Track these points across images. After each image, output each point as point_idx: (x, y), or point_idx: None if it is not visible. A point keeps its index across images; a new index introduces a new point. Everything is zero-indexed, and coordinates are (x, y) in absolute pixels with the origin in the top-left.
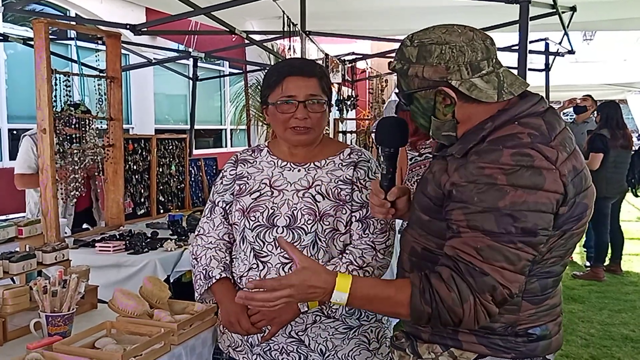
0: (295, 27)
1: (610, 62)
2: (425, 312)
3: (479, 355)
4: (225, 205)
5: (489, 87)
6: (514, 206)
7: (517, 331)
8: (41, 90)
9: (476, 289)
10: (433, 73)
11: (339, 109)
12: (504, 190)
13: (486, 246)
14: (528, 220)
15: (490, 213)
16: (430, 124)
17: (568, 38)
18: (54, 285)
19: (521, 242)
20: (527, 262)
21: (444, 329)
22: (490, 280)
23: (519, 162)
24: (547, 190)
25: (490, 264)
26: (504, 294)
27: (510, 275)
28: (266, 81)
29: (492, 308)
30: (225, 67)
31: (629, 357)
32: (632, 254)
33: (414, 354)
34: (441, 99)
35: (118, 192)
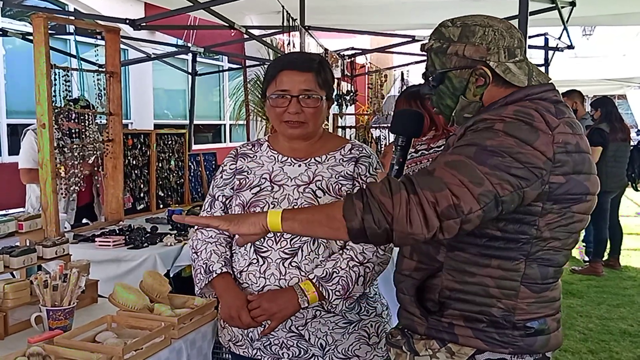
0: (295, 21)
1: (610, 57)
2: (357, 208)
3: (476, 350)
4: (225, 200)
5: (521, 73)
6: (498, 147)
7: (516, 322)
8: (40, 85)
9: (416, 183)
10: (474, 52)
11: (338, 104)
12: (497, 134)
13: (457, 160)
14: (505, 161)
15: (474, 146)
16: (455, 105)
17: (567, 33)
18: (54, 279)
19: (490, 170)
20: (489, 192)
21: (440, 321)
22: (438, 181)
23: (519, 117)
24: (536, 148)
25: (452, 173)
26: (449, 200)
27: (465, 192)
28: (265, 75)
29: (430, 212)
30: (224, 62)
31: (627, 351)
32: (631, 249)
33: (410, 351)
34: (475, 79)
35: (118, 187)
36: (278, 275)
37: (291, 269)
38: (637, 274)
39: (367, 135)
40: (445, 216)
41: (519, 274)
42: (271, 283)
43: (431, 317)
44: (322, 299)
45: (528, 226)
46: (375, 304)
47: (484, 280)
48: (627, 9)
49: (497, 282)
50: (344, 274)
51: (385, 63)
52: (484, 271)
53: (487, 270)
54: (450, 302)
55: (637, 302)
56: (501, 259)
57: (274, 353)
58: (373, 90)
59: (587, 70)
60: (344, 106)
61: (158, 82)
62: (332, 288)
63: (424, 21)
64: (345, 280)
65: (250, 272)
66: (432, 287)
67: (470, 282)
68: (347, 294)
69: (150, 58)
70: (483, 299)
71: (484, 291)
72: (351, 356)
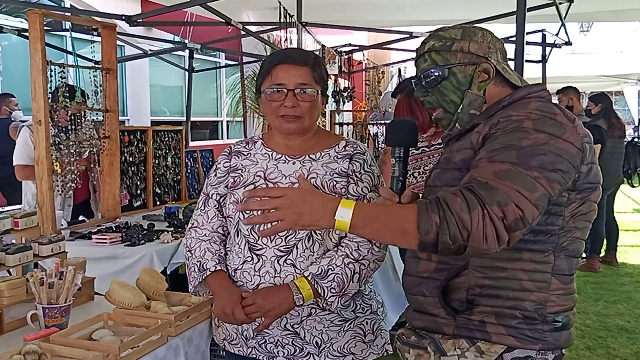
0: (292, 18)
1: (607, 53)
2: (433, 222)
3: (507, 348)
4: (219, 198)
5: (514, 74)
6: (535, 145)
7: (546, 316)
8: (36, 81)
9: (485, 200)
10: (478, 49)
11: (336, 101)
12: (529, 132)
13: (504, 170)
14: (548, 157)
15: (512, 149)
16: (461, 100)
17: (565, 29)
18: (50, 277)
19: (539, 173)
20: (542, 195)
21: (469, 320)
22: (502, 195)
23: (544, 112)
24: (567, 140)
25: (506, 185)
26: (516, 214)
27: (524, 200)
28: (260, 70)
29: (501, 227)
30: (221, 58)
31: (624, 347)
32: (628, 245)
33: (437, 351)
34: (479, 74)
35: (114, 184)
36: (273, 272)
37: (286, 267)
38: (634, 270)
39: (364, 132)
40: (513, 229)
41: (549, 265)
42: (266, 281)
43: (459, 316)
44: (317, 296)
45: (556, 217)
46: (371, 301)
47: (516, 274)
48: (624, 5)
49: (530, 275)
50: (339, 271)
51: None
52: (516, 265)
53: (519, 264)
54: (481, 299)
55: (634, 299)
56: (532, 252)
57: (269, 351)
58: (370, 87)
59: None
60: (341, 103)
61: (155, 78)
62: (328, 285)
63: (422, 18)
64: (341, 277)
65: (244, 270)
66: (458, 285)
67: (502, 277)
68: (343, 291)
69: (146, 54)
70: (516, 293)
71: (518, 285)
72: (347, 354)
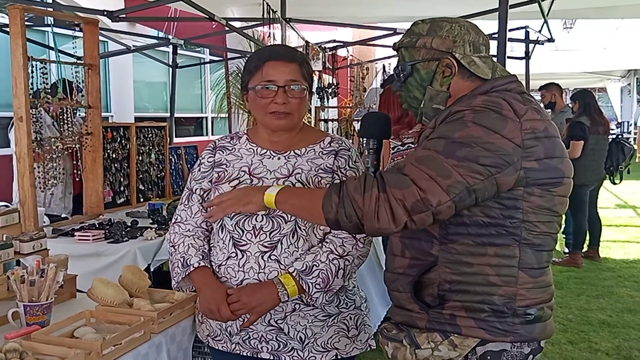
0: (276, 14)
1: (590, 50)
2: (332, 202)
3: (480, 341)
4: (203, 193)
5: (485, 66)
6: (467, 138)
7: (516, 309)
8: (17, 77)
9: (387, 181)
10: (441, 44)
11: (320, 97)
12: (466, 124)
13: (425, 155)
14: (474, 150)
15: (444, 139)
16: (424, 96)
17: (548, 26)
18: (31, 274)
19: (458, 162)
20: (457, 182)
21: (441, 314)
22: (404, 178)
23: (488, 106)
24: (504, 136)
25: (420, 168)
26: (416, 195)
27: (433, 184)
28: (246, 67)
29: (398, 208)
30: (205, 54)
31: (606, 341)
32: (610, 240)
33: (412, 344)
34: (442, 70)
35: (97, 181)
36: (257, 268)
37: (270, 263)
38: (616, 265)
39: (349, 128)
40: (415, 211)
41: (515, 259)
42: (250, 277)
43: (432, 311)
44: (302, 292)
45: (513, 210)
46: (354, 296)
47: (483, 269)
48: (607, 3)
49: (496, 270)
50: (324, 267)
51: (367, 56)
52: (482, 260)
53: (484, 259)
54: (451, 294)
55: (615, 293)
56: (496, 246)
57: (252, 347)
58: (355, 83)
59: (567, 63)
60: (326, 99)
61: (138, 74)
62: (312, 281)
63: (406, 14)
64: (325, 273)
65: (229, 266)
66: (430, 281)
67: (469, 273)
68: (327, 287)
69: (130, 50)
70: (484, 287)
71: (485, 280)
72: (330, 349)
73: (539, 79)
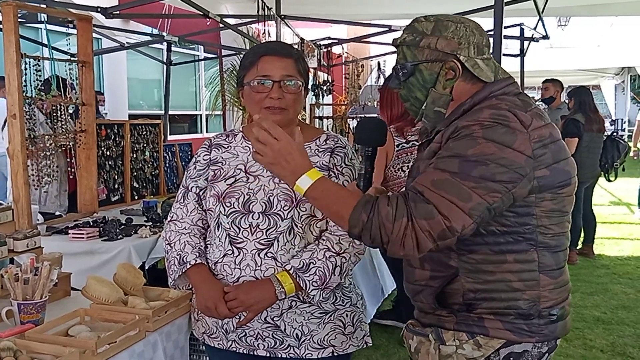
0: (270, 11)
1: (584, 47)
2: (361, 219)
3: (504, 342)
4: (198, 191)
5: (488, 69)
6: (480, 156)
7: (541, 310)
8: (10, 75)
9: (414, 213)
10: (446, 45)
11: (315, 94)
12: (477, 140)
13: (442, 179)
14: (489, 168)
15: (457, 157)
16: (426, 98)
17: (543, 23)
18: (25, 272)
19: (476, 184)
20: (477, 205)
21: (469, 316)
22: (430, 209)
23: (496, 120)
24: (516, 149)
25: (440, 195)
26: (442, 225)
27: (455, 210)
28: (242, 63)
29: (423, 238)
30: (200, 51)
31: (600, 338)
32: (604, 237)
33: (437, 339)
34: (445, 72)
35: (91, 179)
36: (254, 266)
37: (267, 260)
38: (610, 262)
39: (344, 126)
40: (441, 238)
41: (535, 263)
42: (247, 274)
43: (460, 314)
44: (299, 289)
45: (527, 217)
46: (351, 293)
47: (505, 276)
48: (601, 0)
49: (517, 275)
50: (321, 265)
51: (362, 53)
52: (503, 267)
53: (505, 266)
54: (478, 302)
55: (610, 290)
56: (515, 253)
57: (249, 344)
58: (350, 80)
59: (562, 61)
60: (321, 96)
61: (132, 72)
62: (310, 279)
63: (401, 11)
64: (322, 270)
65: (225, 263)
66: (454, 291)
67: (492, 280)
68: (324, 285)
69: (123, 47)
70: (509, 294)
71: (508, 286)
72: (327, 346)
73: (533, 76)
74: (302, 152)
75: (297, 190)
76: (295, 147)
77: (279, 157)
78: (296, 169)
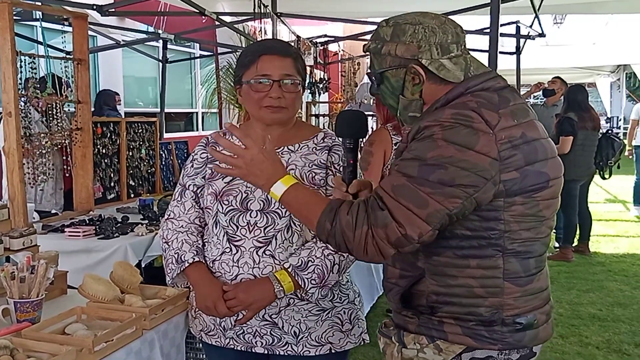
0: (267, 8)
1: (580, 45)
2: (326, 227)
3: (466, 348)
4: (196, 189)
5: (457, 69)
6: (439, 159)
7: (504, 319)
8: (6, 72)
9: (372, 221)
10: (405, 51)
11: (311, 92)
12: (437, 143)
13: (400, 184)
14: (448, 172)
15: (417, 160)
16: (398, 104)
17: (539, 21)
18: (21, 271)
19: (433, 189)
20: (435, 211)
21: (430, 319)
22: (385, 215)
23: (457, 120)
24: (478, 151)
25: (397, 201)
26: (397, 233)
27: (411, 216)
28: (240, 61)
29: (384, 245)
30: (195, 49)
31: (596, 335)
32: (600, 235)
33: (399, 342)
34: (410, 77)
35: (87, 177)
36: (252, 263)
37: (265, 258)
38: (606, 259)
39: None
40: (399, 245)
41: (499, 270)
42: (245, 272)
43: (422, 316)
44: (298, 287)
45: (494, 222)
46: (348, 291)
47: (467, 282)
48: None
49: (480, 282)
50: (319, 263)
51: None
52: (465, 272)
53: (467, 272)
54: (440, 305)
55: (606, 287)
56: (479, 258)
57: (247, 342)
58: (346, 78)
59: (557, 58)
60: (317, 94)
61: (128, 69)
62: (308, 277)
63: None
64: (321, 268)
65: (223, 261)
66: (419, 293)
67: (454, 285)
68: (323, 283)
69: (119, 45)
70: (470, 299)
71: (470, 292)
72: (324, 343)
73: (529, 74)
74: (274, 159)
75: (272, 197)
76: (267, 155)
77: (252, 168)
78: (270, 176)
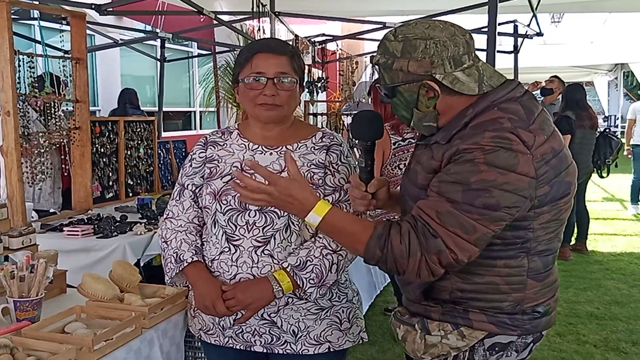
0: (265, 7)
1: (578, 44)
2: (376, 254)
3: (488, 334)
4: (194, 189)
5: (470, 80)
6: (483, 183)
7: (525, 309)
8: (4, 72)
9: (425, 248)
10: (418, 67)
11: (309, 91)
12: (479, 167)
13: (446, 211)
14: (492, 196)
15: (460, 184)
16: (412, 116)
17: (536, 20)
18: (21, 270)
19: (480, 215)
20: (483, 235)
21: (455, 308)
22: (439, 243)
23: (498, 144)
24: (519, 173)
25: (445, 228)
26: (449, 258)
27: (461, 242)
28: (237, 59)
29: (436, 268)
30: (193, 48)
31: (594, 333)
32: (598, 233)
33: (423, 329)
34: (424, 91)
35: (85, 176)
36: (250, 263)
37: (264, 257)
38: (603, 258)
39: (338, 123)
40: (449, 267)
41: (524, 269)
42: (243, 271)
43: (446, 305)
44: (297, 287)
45: (524, 230)
46: (347, 290)
47: (493, 280)
48: None
49: (505, 280)
50: (318, 262)
51: (356, 50)
52: (492, 271)
53: (494, 271)
54: (464, 300)
55: (603, 286)
56: (505, 259)
57: (245, 341)
58: (344, 77)
59: (555, 57)
60: (315, 93)
61: (126, 68)
62: (307, 276)
63: (395, 7)
64: (319, 268)
65: (222, 261)
66: (442, 288)
67: (480, 283)
68: (321, 282)
69: (117, 44)
70: (494, 296)
71: (494, 289)
72: (323, 342)
73: (527, 73)
74: (302, 186)
75: (309, 225)
76: (294, 185)
77: (280, 201)
78: (301, 207)
